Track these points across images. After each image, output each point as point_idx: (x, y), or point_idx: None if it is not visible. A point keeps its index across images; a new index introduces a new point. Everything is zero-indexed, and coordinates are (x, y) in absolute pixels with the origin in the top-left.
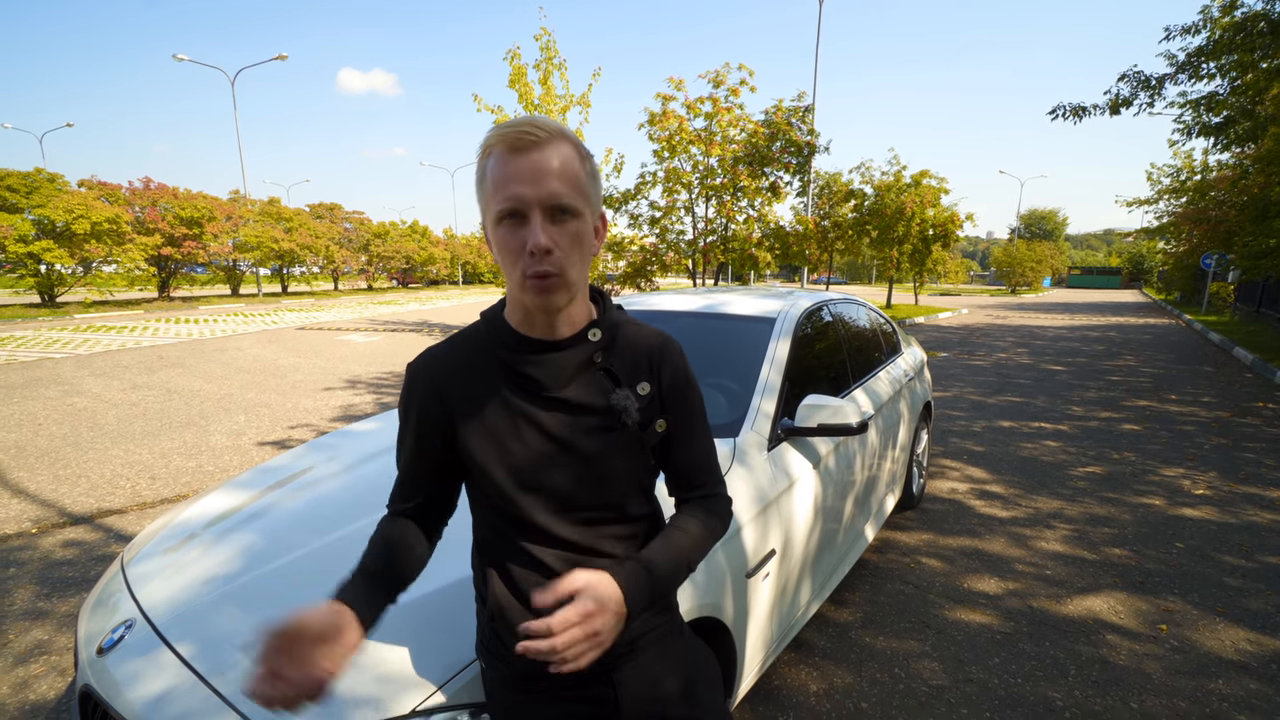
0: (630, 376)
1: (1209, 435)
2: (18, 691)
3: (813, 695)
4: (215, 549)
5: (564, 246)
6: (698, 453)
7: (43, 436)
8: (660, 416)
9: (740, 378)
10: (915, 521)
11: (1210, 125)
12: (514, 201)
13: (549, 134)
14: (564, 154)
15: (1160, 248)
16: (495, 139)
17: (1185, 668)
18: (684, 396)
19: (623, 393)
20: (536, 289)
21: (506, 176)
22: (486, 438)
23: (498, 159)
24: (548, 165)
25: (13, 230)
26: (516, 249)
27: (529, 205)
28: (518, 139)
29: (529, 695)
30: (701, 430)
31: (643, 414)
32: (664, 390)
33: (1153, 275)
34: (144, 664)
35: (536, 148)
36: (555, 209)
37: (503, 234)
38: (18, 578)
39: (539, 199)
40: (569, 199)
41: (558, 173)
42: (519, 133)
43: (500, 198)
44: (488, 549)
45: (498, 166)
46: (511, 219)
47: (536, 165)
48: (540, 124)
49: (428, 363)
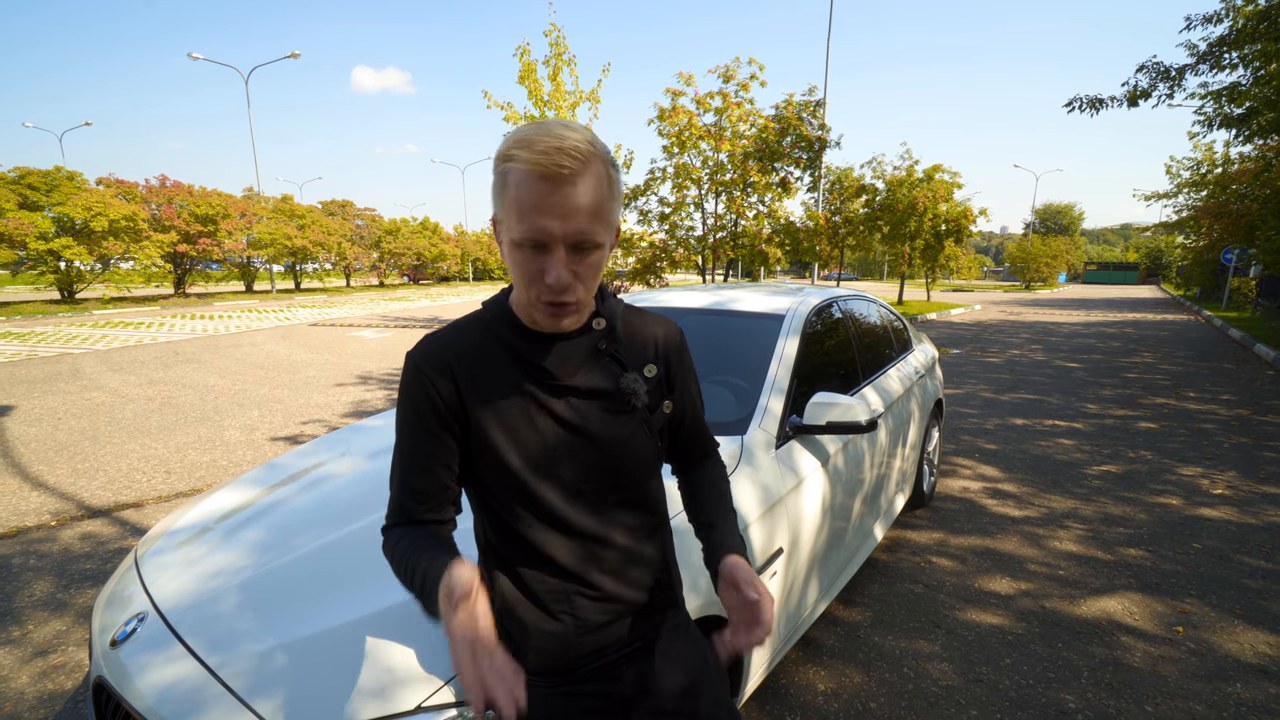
0: (637, 360)
1: (1228, 434)
2: (37, 681)
3: (821, 695)
4: (227, 544)
5: (583, 277)
6: (698, 425)
7: (62, 430)
8: (667, 397)
9: (748, 375)
10: (926, 520)
11: (1232, 117)
12: (539, 234)
13: (582, 163)
14: (596, 185)
15: (1179, 242)
16: (521, 159)
17: (1202, 671)
18: (687, 375)
19: (631, 376)
20: (550, 314)
21: (533, 206)
22: (499, 424)
23: (524, 180)
24: (577, 202)
25: (33, 228)
26: (534, 275)
27: (554, 240)
28: (550, 170)
29: (536, 691)
30: (700, 405)
31: (651, 396)
32: (670, 372)
33: (1171, 271)
34: (155, 656)
35: (569, 182)
36: (580, 245)
37: (521, 257)
38: (38, 570)
39: (565, 235)
40: (594, 235)
41: (587, 210)
42: (552, 162)
43: (525, 226)
44: (492, 550)
45: (524, 189)
46: (533, 247)
47: (566, 201)
48: (572, 149)
49: (433, 348)
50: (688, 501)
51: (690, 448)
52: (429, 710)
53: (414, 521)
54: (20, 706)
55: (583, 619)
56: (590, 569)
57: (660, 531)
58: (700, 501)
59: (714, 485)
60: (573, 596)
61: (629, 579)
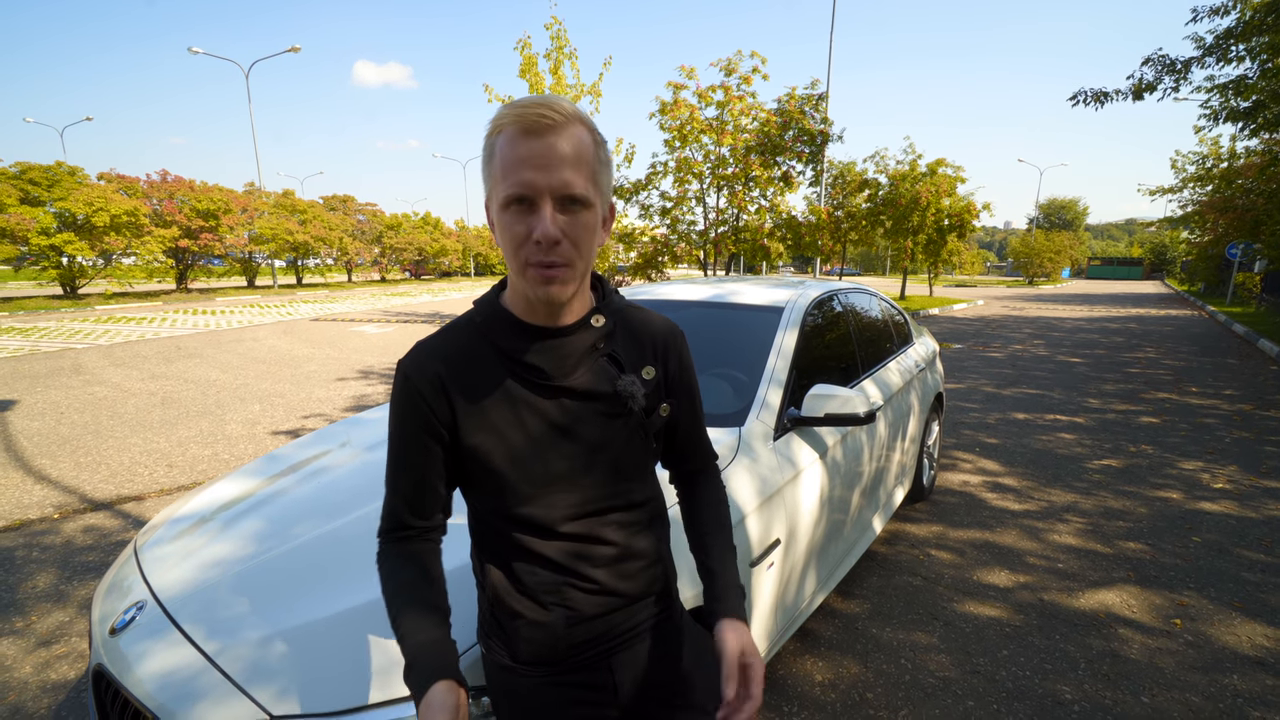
0: (635, 362)
1: (1230, 428)
2: (40, 671)
3: (818, 685)
4: (226, 533)
5: (572, 237)
6: (698, 432)
7: (65, 424)
8: (665, 400)
9: (747, 367)
10: (926, 514)
11: (1238, 110)
12: (524, 188)
13: (565, 117)
14: (579, 139)
15: (1184, 237)
16: (508, 117)
17: (1199, 663)
18: (686, 379)
19: (628, 378)
20: (540, 279)
21: (518, 160)
22: (488, 429)
23: (509, 139)
24: (561, 151)
25: (35, 223)
26: (522, 235)
27: (539, 193)
28: (534, 121)
29: (527, 680)
30: (700, 409)
31: (648, 399)
32: (669, 375)
33: (1176, 266)
34: (154, 644)
35: (552, 131)
36: (566, 198)
37: (509, 219)
38: (41, 562)
39: (550, 187)
40: (581, 189)
41: (571, 160)
42: (535, 114)
43: (510, 182)
44: (486, 545)
45: (509, 147)
46: (519, 205)
47: (550, 150)
48: (556, 105)
49: (422, 356)
50: (687, 524)
51: (687, 455)
52: None
53: (405, 528)
54: (24, 696)
55: (574, 610)
56: (582, 564)
57: (655, 524)
58: (700, 532)
59: (714, 513)
60: (564, 589)
61: (622, 573)
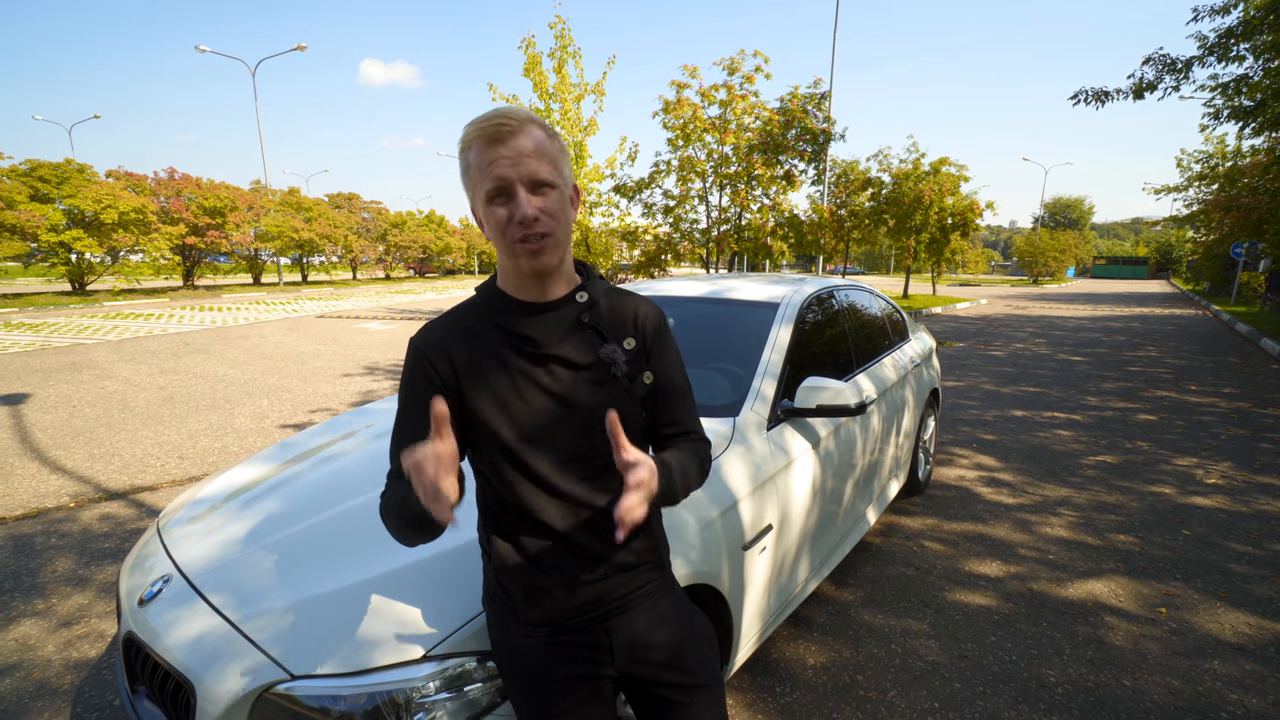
0: (616, 333)
1: (1227, 426)
2: (62, 650)
3: (810, 668)
4: (244, 514)
5: (548, 212)
6: (681, 401)
7: (78, 418)
8: (647, 369)
9: (743, 361)
10: (921, 507)
11: (1241, 109)
12: (499, 181)
13: (520, 121)
14: (536, 136)
15: (1189, 236)
16: (473, 132)
17: (1182, 649)
18: (666, 349)
19: (610, 346)
20: (529, 252)
21: (489, 162)
22: (491, 398)
23: (479, 149)
24: (524, 147)
25: (44, 220)
26: (505, 220)
27: (513, 183)
28: (495, 129)
29: (531, 639)
30: (683, 380)
31: (630, 366)
32: (648, 344)
33: (1181, 265)
34: (181, 612)
35: (512, 135)
36: (536, 183)
37: (492, 210)
38: (60, 548)
39: (520, 177)
40: (547, 174)
41: (533, 152)
42: (495, 124)
43: (487, 180)
44: (491, 514)
45: (480, 155)
46: (499, 198)
47: (514, 149)
48: (511, 113)
49: (430, 333)
50: None
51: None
52: (435, 659)
53: None
54: (48, 673)
55: (572, 576)
56: (580, 531)
57: None
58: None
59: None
60: (562, 556)
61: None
